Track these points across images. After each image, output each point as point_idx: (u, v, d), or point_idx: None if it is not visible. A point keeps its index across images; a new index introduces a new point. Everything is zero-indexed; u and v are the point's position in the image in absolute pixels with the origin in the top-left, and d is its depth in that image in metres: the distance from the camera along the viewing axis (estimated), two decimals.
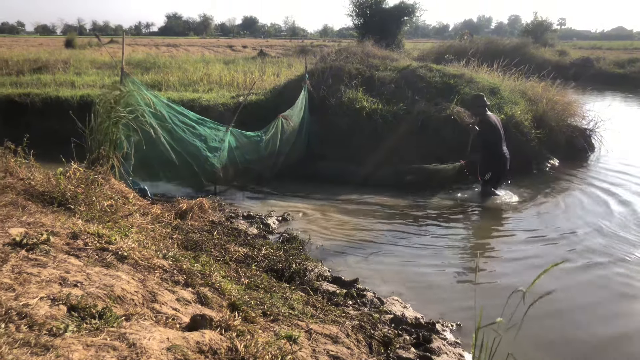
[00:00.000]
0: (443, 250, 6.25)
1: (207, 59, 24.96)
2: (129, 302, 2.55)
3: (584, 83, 16.80)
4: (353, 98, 10.18)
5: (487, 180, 8.20)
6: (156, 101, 7.38)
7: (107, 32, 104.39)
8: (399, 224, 7.14)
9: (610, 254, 6.05)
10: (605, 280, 5.37)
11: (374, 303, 4.52)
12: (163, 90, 13.65)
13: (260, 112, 10.20)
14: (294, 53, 29.62)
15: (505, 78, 12.59)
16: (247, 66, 19.79)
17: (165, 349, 2.04)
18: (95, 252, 3.09)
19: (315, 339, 3.09)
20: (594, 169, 10.37)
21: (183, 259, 3.74)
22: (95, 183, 4.97)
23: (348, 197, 8.20)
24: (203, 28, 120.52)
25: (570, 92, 12.81)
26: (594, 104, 15.34)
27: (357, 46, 13.77)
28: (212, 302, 3.08)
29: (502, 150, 8.07)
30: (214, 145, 7.99)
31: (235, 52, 37.60)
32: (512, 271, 5.71)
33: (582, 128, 11.76)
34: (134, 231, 4.11)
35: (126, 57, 7.16)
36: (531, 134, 10.10)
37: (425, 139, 9.49)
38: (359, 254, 6.02)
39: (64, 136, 6.34)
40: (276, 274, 4.69)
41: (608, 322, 4.57)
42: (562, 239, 6.59)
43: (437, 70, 11.57)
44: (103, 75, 16.38)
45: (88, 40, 35.91)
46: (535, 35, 36.59)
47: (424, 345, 3.84)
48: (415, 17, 28.10)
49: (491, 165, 8.13)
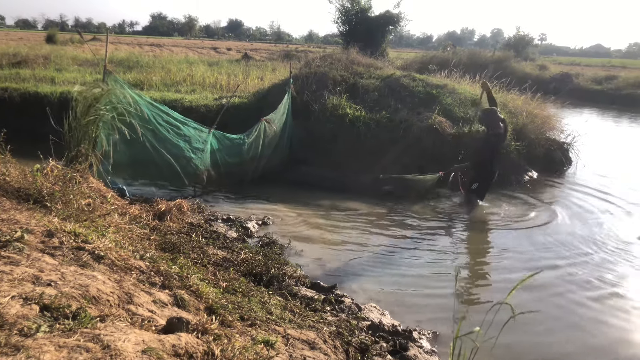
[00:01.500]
0: (422, 259, 6.28)
1: (190, 60, 24.77)
2: (104, 303, 2.50)
3: (563, 98, 17.04)
4: (336, 104, 10.21)
5: (473, 190, 8.26)
6: (139, 100, 7.29)
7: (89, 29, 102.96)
8: (379, 231, 7.16)
9: (588, 268, 6.15)
10: (583, 296, 5.43)
11: (352, 309, 4.51)
12: (145, 89, 13.51)
13: (243, 115, 10.16)
14: (278, 57, 29.56)
15: None
16: (231, 68, 19.69)
17: (140, 352, 2.00)
18: (71, 251, 3.03)
19: (292, 345, 3.07)
20: (571, 183, 10.54)
21: (160, 261, 3.69)
22: (73, 181, 4.88)
23: (329, 203, 8.20)
24: (188, 29, 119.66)
25: (550, 106, 13.03)
26: (571, 118, 15.65)
27: (342, 53, 13.82)
28: (189, 304, 3.04)
29: (493, 166, 8.15)
30: (198, 147, 7.93)
31: (219, 54, 37.42)
32: (491, 282, 5.78)
33: (560, 142, 11.96)
34: (111, 231, 4.05)
35: (109, 55, 7.06)
36: (511, 146, 10.23)
37: (407, 147, 9.54)
38: (339, 260, 6.02)
39: (43, 133, 6.22)
40: (254, 278, 4.66)
41: (583, 337, 4.62)
42: (543, 251, 6.68)
43: (420, 79, 11.67)
44: (84, 73, 16.15)
45: (70, 37, 35.35)
46: (516, 49, 37.18)
47: (401, 352, 3.85)
48: (400, 26, 28.29)
49: (480, 177, 8.19)
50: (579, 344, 4.48)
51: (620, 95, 29.13)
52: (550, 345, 4.43)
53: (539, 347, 4.40)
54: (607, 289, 5.57)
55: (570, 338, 4.56)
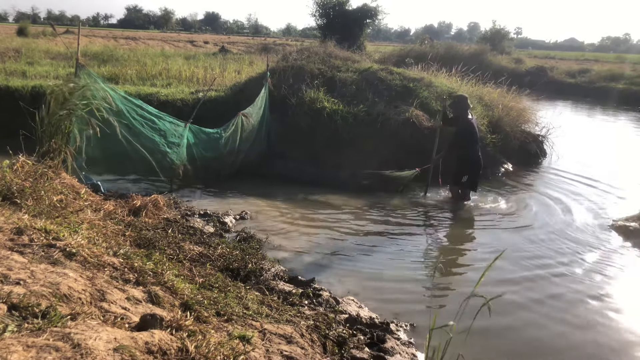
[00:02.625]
0: (401, 252, 6.32)
1: (167, 53, 24.45)
2: (75, 301, 2.45)
3: (538, 91, 17.33)
4: (314, 98, 10.18)
5: (463, 182, 8.29)
6: (113, 94, 7.17)
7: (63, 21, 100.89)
8: (357, 225, 7.18)
9: (566, 258, 6.27)
10: (561, 287, 5.51)
11: (330, 303, 4.52)
12: (120, 83, 13.28)
13: (220, 109, 10.06)
14: (256, 51, 29.37)
15: (463, 83, 12.86)
16: (207, 62, 19.49)
17: (112, 350, 1.97)
18: (42, 249, 2.97)
19: (269, 339, 3.06)
20: (546, 174, 10.71)
21: (135, 257, 3.64)
22: (45, 177, 4.78)
23: (307, 197, 8.19)
24: (164, 22, 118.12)
25: (525, 99, 13.20)
26: (546, 111, 15.88)
27: (320, 46, 13.77)
28: (163, 301, 3.00)
29: (478, 153, 8.20)
30: (174, 141, 7.83)
31: (196, 48, 37.00)
32: (468, 274, 5.84)
33: (535, 134, 12.14)
34: (84, 227, 3.98)
35: (83, 49, 6.93)
36: (487, 139, 10.33)
37: (385, 141, 9.56)
38: (317, 254, 6.02)
39: (13, 128, 6.07)
40: (232, 273, 4.64)
41: (557, 328, 4.69)
42: (522, 241, 6.79)
43: (398, 73, 11.70)
44: (57, 66, 15.80)
45: (42, 30, 34.62)
46: (493, 42, 37.52)
47: (378, 345, 3.87)
48: (378, 20, 28.45)
49: (467, 168, 8.23)
50: (552, 334, 4.56)
51: (593, 88, 29.71)
52: (523, 335, 4.50)
53: (512, 336, 4.46)
54: (580, 280, 5.68)
55: (542, 328, 4.64)
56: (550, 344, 4.37)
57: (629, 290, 5.52)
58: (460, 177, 8.26)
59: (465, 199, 8.37)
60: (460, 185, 8.34)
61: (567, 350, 4.30)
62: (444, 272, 5.88)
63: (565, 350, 4.30)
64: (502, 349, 4.26)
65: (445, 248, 6.80)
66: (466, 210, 8.20)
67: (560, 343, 4.39)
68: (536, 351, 4.27)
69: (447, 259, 6.35)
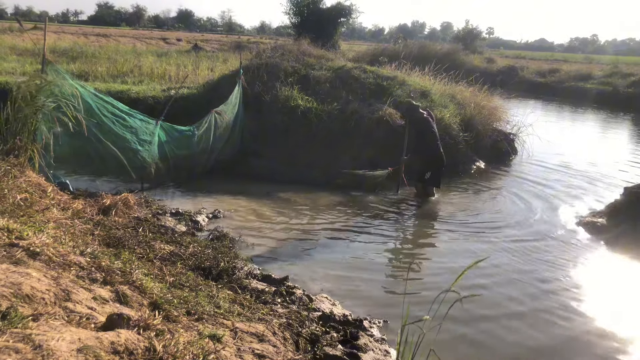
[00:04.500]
0: (374, 249, 6.34)
1: (138, 50, 24.11)
2: (38, 301, 2.38)
3: (509, 90, 17.59)
4: (288, 96, 10.13)
5: (426, 179, 8.37)
6: (82, 91, 7.00)
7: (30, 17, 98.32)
8: (331, 223, 7.17)
9: (532, 254, 6.37)
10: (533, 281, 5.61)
11: (303, 300, 4.50)
12: (90, 80, 13.02)
13: (192, 107, 9.93)
14: (229, 48, 29.20)
15: (436, 82, 12.98)
16: (180, 59, 19.28)
17: (75, 350, 1.91)
18: (3, 248, 2.87)
19: (240, 338, 3.02)
20: (516, 171, 10.89)
21: (103, 256, 3.55)
22: (9, 175, 4.65)
23: (281, 196, 8.15)
24: (136, 19, 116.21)
25: (497, 98, 13.39)
26: (517, 110, 16.15)
27: (294, 44, 13.73)
28: (132, 300, 2.94)
29: (439, 150, 8.28)
30: (145, 139, 7.69)
31: (169, 45, 36.57)
32: (442, 268, 5.88)
33: (506, 132, 12.34)
34: (50, 227, 3.87)
35: (52, 45, 6.78)
36: (459, 137, 10.44)
37: (358, 139, 9.59)
38: (291, 252, 6.00)
39: None
40: (203, 272, 4.57)
41: (529, 325, 4.76)
42: (493, 237, 6.88)
43: (371, 71, 11.74)
44: (24, 63, 15.44)
45: (9, 25, 33.73)
46: (465, 42, 38.08)
47: (351, 342, 3.86)
48: (352, 19, 28.53)
49: (430, 165, 8.31)
50: (524, 330, 4.63)
51: (562, 88, 30.37)
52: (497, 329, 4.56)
53: (484, 331, 4.52)
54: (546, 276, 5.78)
55: (513, 325, 4.70)
56: (525, 344, 4.44)
57: (591, 285, 5.61)
58: (423, 174, 8.37)
59: (429, 195, 8.46)
60: (424, 182, 8.43)
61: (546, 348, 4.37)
62: (417, 269, 5.92)
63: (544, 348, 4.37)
64: (475, 344, 4.30)
65: (416, 245, 6.85)
66: (436, 206, 8.27)
67: (537, 342, 4.46)
68: (510, 346, 4.33)
69: (419, 255, 6.40)
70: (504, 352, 4.25)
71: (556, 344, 4.38)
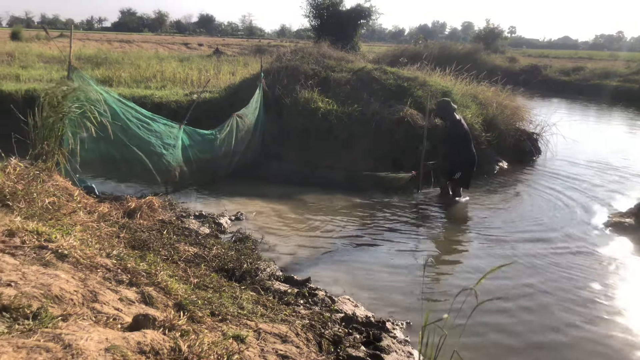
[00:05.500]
0: (397, 250, 6.32)
1: (161, 55, 24.44)
2: (67, 302, 2.44)
3: (532, 89, 17.42)
4: (308, 98, 10.17)
5: (456, 179, 8.29)
6: (107, 97, 7.14)
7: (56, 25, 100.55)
8: (353, 224, 7.17)
9: (561, 256, 6.27)
10: (553, 284, 5.51)
11: (325, 302, 4.51)
12: (114, 86, 13.27)
13: (215, 111, 10.05)
14: (250, 52, 29.41)
15: (457, 82, 12.88)
16: (202, 64, 19.49)
17: (103, 350, 1.96)
18: (33, 251, 2.95)
19: (264, 339, 3.05)
20: (541, 171, 10.73)
21: (128, 258, 3.62)
22: (37, 179, 4.75)
23: (302, 198, 8.18)
24: (158, 25, 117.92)
25: (519, 98, 13.23)
26: (540, 109, 15.93)
27: (314, 47, 13.77)
28: (157, 301, 2.99)
29: (472, 151, 8.22)
30: (169, 143, 7.81)
31: (190, 50, 36.99)
32: (465, 270, 5.84)
33: (529, 132, 12.18)
34: (77, 229, 3.95)
35: (77, 52, 6.93)
36: (481, 137, 10.35)
37: (379, 140, 9.57)
38: (312, 254, 6.01)
39: (6, 132, 6.03)
40: (227, 274, 4.62)
41: (552, 324, 4.69)
42: (516, 240, 6.76)
43: (392, 72, 11.70)
44: (51, 70, 15.79)
45: (36, 33, 34.56)
46: (486, 41, 37.66)
47: (374, 343, 3.86)
48: (372, 20, 28.50)
49: (462, 165, 8.24)
50: (547, 330, 4.56)
51: (587, 86, 29.82)
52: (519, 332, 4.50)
53: (508, 334, 4.47)
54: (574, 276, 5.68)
55: (538, 326, 4.64)
56: (547, 340, 4.38)
57: (622, 287, 5.51)
58: (453, 174, 8.29)
59: (456, 195, 8.39)
60: (452, 182, 8.36)
61: (564, 346, 4.31)
62: (439, 270, 5.88)
63: (561, 346, 4.30)
64: (499, 345, 4.26)
65: (438, 244, 6.80)
66: (460, 207, 8.21)
67: (556, 339, 4.40)
68: (533, 347, 4.27)
69: (442, 257, 6.36)
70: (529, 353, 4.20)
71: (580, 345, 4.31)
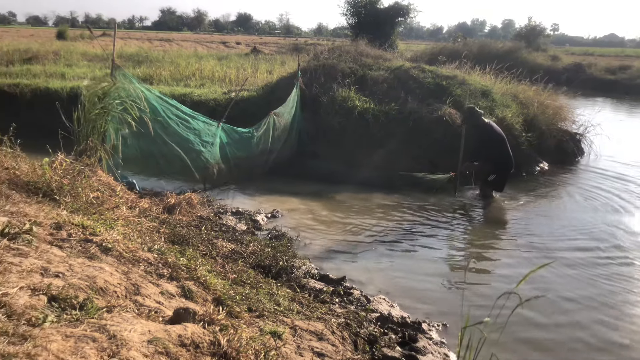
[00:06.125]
0: (433, 251, 6.26)
1: (199, 54, 24.79)
2: (111, 294, 2.51)
3: (576, 88, 16.90)
4: (345, 96, 10.16)
5: (490, 181, 8.18)
6: (148, 94, 7.30)
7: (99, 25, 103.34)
8: (389, 223, 7.13)
9: (602, 258, 6.08)
10: (596, 287, 5.36)
11: (361, 301, 4.50)
12: (155, 84, 13.56)
13: (252, 109, 10.14)
14: (287, 51, 29.53)
15: (497, 81, 12.64)
16: (240, 62, 19.69)
17: (146, 342, 2.01)
18: (79, 243, 3.05)
19: (300, 335, 3.07)
20: (584, 173, 10.44)
21: (169, 253, 3.70)
22: (82, 174, 4.91)
23: (337, 196, 8.18)
24: (197, 24, 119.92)
25: (562, 97, 12.89)
26: (584, 109, 15.47)
27: (351, 45, 13.74)
28: (196, 296, 3.05)
29: (507, 154, 8.07)
30: (207, 140, 7.94)
31: (228, 49, 37.42)
32: (503, 274, 5.72)
33: (572, 132, 11.85)
34: (119, 224, 4.06)
35: (118, 51, 7.10)
36: (521, 138, 10.13)
37: (417, 139, 9.48)
38: (348, 253, 6.01)
39: (52, 127, 6.26)
40: (263, 270, 4.67)
41: (593, 328, 4.57)
42: (555, 242, 6.61)
43: (430, 71, 11.58)
44: (94, 68, 16.23)
45: (80, 33, 35.56)
46: (528, 39, 36.76)
47: (410, 344, 3.84)
48: (410, 18, 28.22)
49: (496, 167, 8.11)
50: (591, 334, 4.43)
51: (634, 85, 28.75)
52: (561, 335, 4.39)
53: (549, 336, 4.36)
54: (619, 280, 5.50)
55: (582, 328, 4.51)
56: (591, 345, 4.25)
57: None
58: (487, 176, 8.17)
59: (488, 197, 8.26)
60: (486, 184, 8.23)
61: (608, 351, 4.18)
62: (476, 271, 5.79)
63: (606, 350, 4.18)
64: (538, 349, 4.16)
65: (476, 246, 6.69)
66: (497, 208, 8.06)
67: (600, 345, 4.27)
68: (575, 352, 4.16)
69: (479, 257, 6.25)
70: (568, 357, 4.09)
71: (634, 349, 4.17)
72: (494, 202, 8.24)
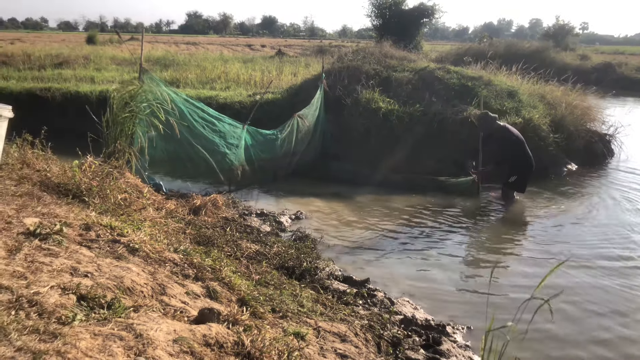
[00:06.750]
0: (457, 254, 6.20)
1: (225, 57, 25.04)
2: (138, 294, 2.56)
3: (605, 88, 16.51)
4: (369, 98, 10.14)
5: (511, 183, 8.09)
6: (175, 97, 7.42)
7: (127, 29, 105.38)
8: (412, 225, 7.09)
9: (629, 262, 5.94)
10: (620, 290, 5.25)
11: (384, 303, 4.49)
12: (181, 87, 13.76)
13: (276, 111, 10.22)
14: (311, 53, 29.58)
15: (524, 81, 12.46)
16: (265, 65, 19.84)
17: (171, 341, 2.05)
18: (107, 244, 3.12)
19: (323, 337, 3.08)
20: (613, 175, 10.21)
21: (194, 254, 3.76)
22: (110, 176, 5.02)
23: (362, 198, 8.18)
24: (223, 27, 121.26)
25: (591, 97, 12.63)
26: (614, 109, 15.14)
27: (375, 47, 13.71)
28: (221, 296, 3.09)
29: (526, 155, 7.98)
30: (232, 142, 8.03)
31: (253, 51, 37.73)
32: (527, 276, 5.63)
33: (601, 133, 11.60)
34: (146, 225, 4.14)
35: (146, 54, 7.23)
36: (549, 139, 9.96)
37: (442, 141, 9.40)
38: (372, 255, 5.99)
39: (82, 130, 6.41)
40: (287, 272, 4.69)
41: (616, 331, 4.47)
42: (581, 246, 6.47)
43: (455, 72, 11.48)
44: (122, 72, 16.56)
45: (109, 37, 36.28)
46: (556, 39, 36.20)
47: (434, 347, 3.82)
48: (435, 19, 27.97)
49: (517, 169, 8.03)
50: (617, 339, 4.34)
51: None
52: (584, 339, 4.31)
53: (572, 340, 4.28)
54: None
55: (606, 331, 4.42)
56: (616, 349, 4.16)
57: None
58: (507, 177, 8.08)
59: (510, 198, 8.16)
60: (507, 186, 8.14)
61: None
62: (500, 274, 5.71)
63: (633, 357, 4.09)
64: (562, 353, 4.09)
65: (503, 249, 6.60)
66: (520, 211, 7.94)
67: (627, 350, 4.17)
68: (599, 356, 4.08)
69: (505, 260, 6.17)
70: None
71: None
72: (516, 203, 8.12)
